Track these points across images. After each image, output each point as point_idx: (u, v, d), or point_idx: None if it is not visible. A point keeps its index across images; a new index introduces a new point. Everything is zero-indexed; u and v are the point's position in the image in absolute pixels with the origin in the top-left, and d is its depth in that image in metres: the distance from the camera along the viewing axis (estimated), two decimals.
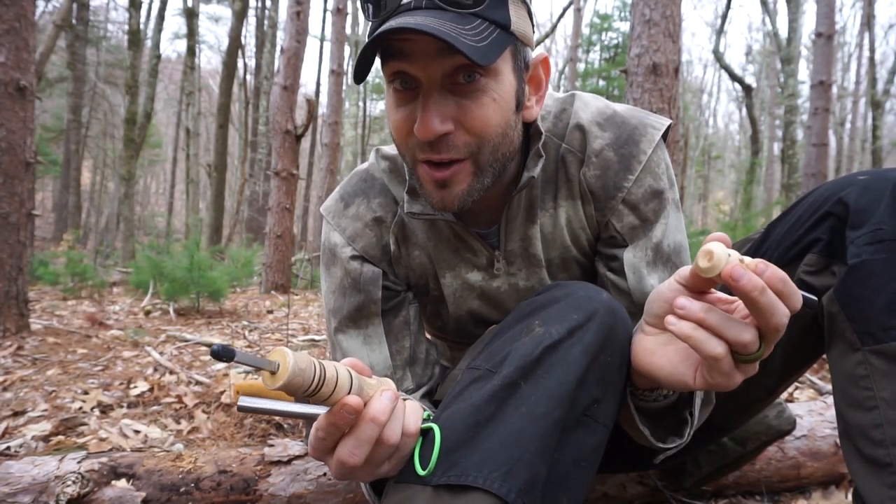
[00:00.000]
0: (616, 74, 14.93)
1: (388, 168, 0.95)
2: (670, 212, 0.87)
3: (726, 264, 0.53)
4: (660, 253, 0.87)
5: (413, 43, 0.68)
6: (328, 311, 0.96)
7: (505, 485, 0.56)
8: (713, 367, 0.57)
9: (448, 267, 0.94)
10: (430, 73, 0.70)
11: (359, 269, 0.93)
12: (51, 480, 1.09)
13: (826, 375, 2.21)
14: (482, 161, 0.76)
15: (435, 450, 0.59)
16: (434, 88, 0.71)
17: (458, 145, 0.73)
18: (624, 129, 0.86)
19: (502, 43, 0.70)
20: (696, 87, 29.76)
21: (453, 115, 0.72)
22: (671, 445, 0.74)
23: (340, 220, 0.95)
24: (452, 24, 0.66)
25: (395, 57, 0.71)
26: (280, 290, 6.05)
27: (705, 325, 0.56)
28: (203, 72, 23.57)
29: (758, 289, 0.52)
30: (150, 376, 2.30)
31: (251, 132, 16.32)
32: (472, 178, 0.76)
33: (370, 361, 0.91)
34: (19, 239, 2.90)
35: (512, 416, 0.60)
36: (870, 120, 15.71)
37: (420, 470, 0.59)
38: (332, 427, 0.57)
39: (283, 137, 6.02)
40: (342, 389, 0.55)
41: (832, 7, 7.06)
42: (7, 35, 2.81)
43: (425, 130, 0.70)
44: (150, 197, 30.85)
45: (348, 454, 0.58)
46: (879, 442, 0.69)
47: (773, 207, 7.14)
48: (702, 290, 0.60)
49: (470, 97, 0.72)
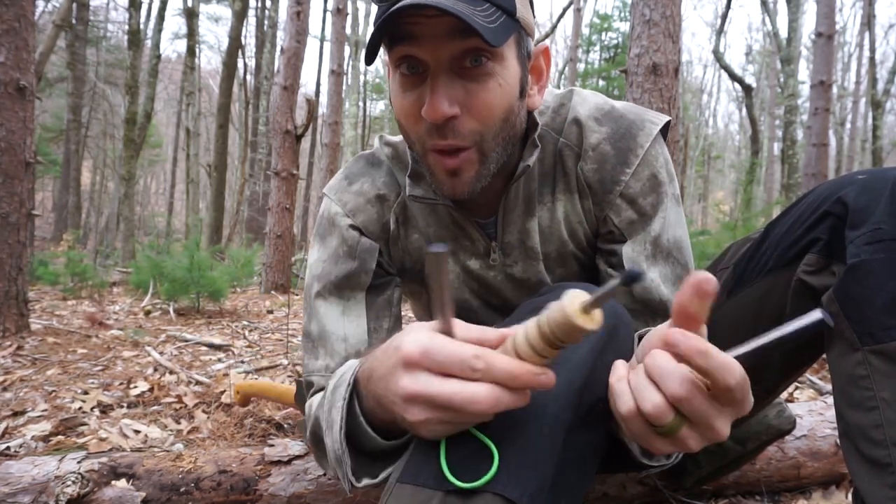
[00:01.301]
0: (616, 74, 14.93)
1: (390, 154, 0.95)
2: (669, 206, 0.87)
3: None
4: (659, 247, 0.87)
5: (422, 25, 0.69)
6: (312, 277, 0.93)
7: (518, 488, 0.55)
8: (626, 426, 0.55)
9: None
10: (438, 55, 0.70)
11: (357, 237, 0.92)
12: (51, 480, 1.09)
13: (826, 375, 2.21)
14: (486, 148, 0.76)
15: (492, 469, 0.54)
16: (442, 71, 0.71)
17: (462, 132, 0.74)
18: (621, 123, 0.87)
19: (509, 28, 0.71)
20: (696, 87, 29.77)
21: (460, 98, 0.72)
22: (655, 464, 0.71)
23: (343, 194, 0.95)
24: (465, 3, 0.67)
25: (404, 40, 0.71)
26: (280, 290, 6.05)
27: (629, 380, 0.53)
28: (203, 72, 23.57)
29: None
30: (150, 376, 2.30)
31: (251, 132, 16.32)
32: (480, 166, 0.77)
33: (345, 332, 0.89)
34: (19, 239, 2.90)
35: (523, 419, 0.59)
36: (870, 120, 15.71)
37: (451, 476, 0.54)
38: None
39: (283, 137, 6.02)
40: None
41: (832, 7, 7.06)
42: (7, 35, 2.81)
43: (434, 112, 0.71)
44: (150, 197, 30.83)
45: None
46: (879, 442, 0.69)
47: (773, 207, 7.13)
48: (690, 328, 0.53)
49: (477, 81, 0.72)
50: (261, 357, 2.77)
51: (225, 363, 2.60)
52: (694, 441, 0.53)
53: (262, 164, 16.18)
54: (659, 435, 0.53)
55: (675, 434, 0.51)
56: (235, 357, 2.78)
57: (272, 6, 15.65)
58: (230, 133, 14.55)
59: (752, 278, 0.88)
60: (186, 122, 14.24)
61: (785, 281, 0.84)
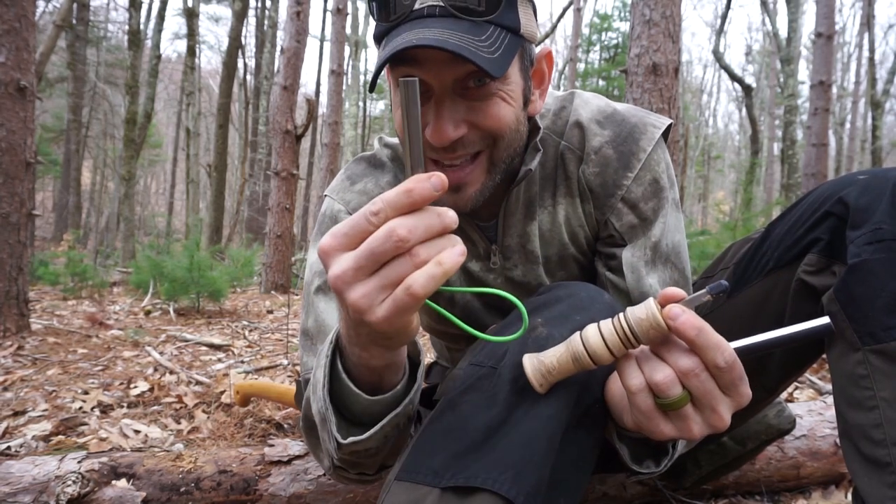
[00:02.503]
0: (616, 74, 14.94)
1: (390, 155, 0.96)
2: (669, 211, 0.87)
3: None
4: (658, 252, 0.87)
5: (426, 51, 0.68)
6: (312, 274, 0.92)
7: (514, 487, 0.55)
8: (633, 403, 0.56)
9: None
10: (442, 79, 0.71)
11: None
12: (51, 480, 1.09)
13: (826, 375, 2.21)
14: (496, 157, 0.77)
15: (523, 326, 0.54)
16: (446, 94, 0.72)
17: (473, 141, 0.75)
18: (623, 126, 0.86)
19: (513, 49, 0.71)
20: (696, 87, 29.76)
21: (465, 118, 0.73)
22: (645, 470, 0.71)
23: (345, 194, 0.94)
24: (468, 35, 0.66)
25: (407, 63, 0.71)
26: (280, 290, 6.05)
27: (637, 358, 0.55)
28: (203, 72, 23.57)
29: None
30: (151, 376, 2.30)
31: (251, 132, 16.32)
32: (486, 177, 0.78)
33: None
34: (19, 239, 2.90)
35: (523, 420, 0.59)
36: (870, 120, 15.69)
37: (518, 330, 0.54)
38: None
39: (283, 137, 6.02)
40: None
41: (832, 7, 7.06)
42: (7, 35, 2.81)
43: (439, 137, 0.71)
44: (150, 197, 30.83)
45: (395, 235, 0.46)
46: (880, 442, 0.69)
47: (773, 207, 7.14)
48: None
49: (481, 100, 0.73)
50: (261, 357, 2.77)
51: (225, 363, 2.60)
52: (697, 425, 0.54)
53: (262, 164, 16.19)
54: (664, 414, 0.54)
55: (680, 408, 0.53)
56: (235, 357, 2.78)
57: (272, 6, 15.65)
58: (230, 133, 14.55)
59: (753, 278, 0.88)
60: (186, 122, 14.23)
61: (785, 281, 0.84)
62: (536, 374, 0.58)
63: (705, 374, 0.52)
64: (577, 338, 0.56)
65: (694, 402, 0.53)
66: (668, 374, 0.52)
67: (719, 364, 0.51)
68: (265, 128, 15.39)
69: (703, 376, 0.52)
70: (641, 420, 0.56)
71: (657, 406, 0.54)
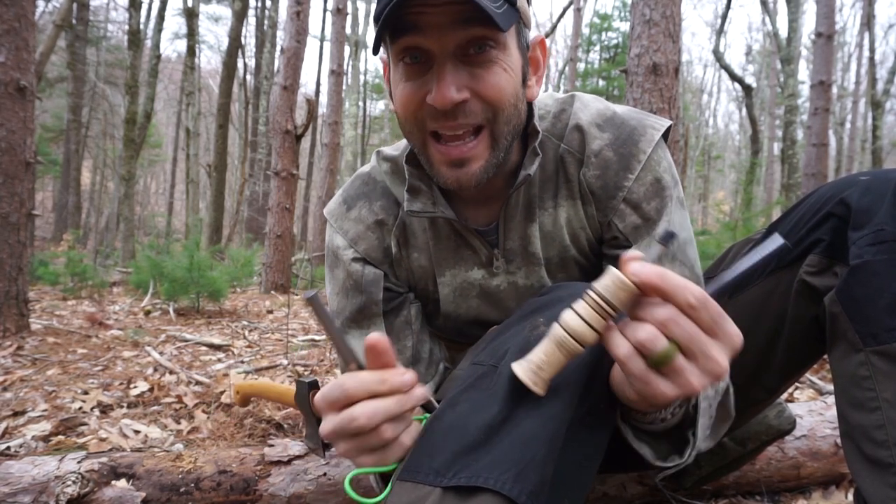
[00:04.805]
0: (616, 74, 14.94)
1: (389, 169, 0.96)
2: (673, 209, 0.87)
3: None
4: (664, 251, 0.86)
5: (427, 15, 0.69)
6: (332, 313, 0.97)
7: (516, 486, 0.55)
8: (627, 371, 0.55)
9: (448, 265, 0.94)
10: (443, 44, 0.71)
11: (360, 270, 0.94)
12: (51, 480, 1.09)
13: (826, 375, 2.20)
14: (497, 131, 0.77)
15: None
16: (448, 59, 0.72)
17: (475, 111, 0.74)
18: (623, 129, 0.86)
19: (512, 16, 0.72)
20: (696, 87, 29.76)
21: (468, 83, 0.73)
22: (671, 464, 0.71)
23: (343, 222, 0.96)
24: None
25: (408, 31, 0.71)
26: (280, 290, 6.05)
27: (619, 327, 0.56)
28: (203, 72, 23.57)
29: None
30: (150, 376, 2.29)
31: (251, 132, 16.32)
32: (489, 153, 0.77)
33: None
34: (19, 239, 2.90)
35: (524, 418, 0.59)
36: (870, 120, 15.70)
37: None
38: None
39: (283, 137, 6.02)
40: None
41: (832, 7, 7.06)
42: (7, 35, 2.81)
43: (442, 98, 0.71)
44: (150, 197, 30.82)
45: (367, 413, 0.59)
46: (882, 443, 0.69)
47: (773, 207, 7.13)
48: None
49: (483, 66, 0.73)
50: (261, 357, 2.77)
51: (225, 363, 2.60)
52: (695, 376, 0.53)
53: (262, 164, 16.18)
54: (660, 374, 0.54)
55: (672, 361, 0.52)
56: (235, 357, 2.78)
57: (272, 6, 15.65)
58: (230, 133, 14.55)
59: (755, 279, 0.88)
60: (186, 122, 14.23)
61: (787, 281, 0.84)
62: (528, 373, 0.57)
63: (683, 318, 0.52)
64: (556, 325, 0.56)
65: (684, 351, 0.53)
66: (649, 329, 0.52)
67: (691, 302, 0.51)
68: (265, 128, 15.39)
69: (682, 320, 0.51)
70: (640, 387, 0.55)
71: (650, 367, 0.54)
